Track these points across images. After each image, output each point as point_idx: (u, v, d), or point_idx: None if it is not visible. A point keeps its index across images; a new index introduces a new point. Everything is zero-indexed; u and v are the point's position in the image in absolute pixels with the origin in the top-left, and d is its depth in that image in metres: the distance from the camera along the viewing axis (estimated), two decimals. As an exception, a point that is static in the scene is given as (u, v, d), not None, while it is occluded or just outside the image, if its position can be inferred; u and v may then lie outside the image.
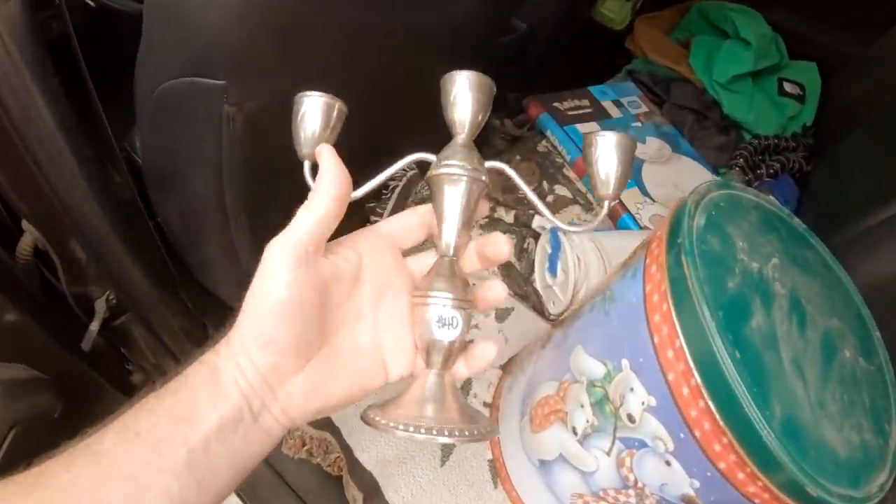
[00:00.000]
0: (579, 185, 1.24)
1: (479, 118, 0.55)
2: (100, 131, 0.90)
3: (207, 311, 1.23)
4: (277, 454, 0.99)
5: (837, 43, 1.59)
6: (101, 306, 1.10)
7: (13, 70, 0.76)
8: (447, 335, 0.51)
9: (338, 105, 0.53)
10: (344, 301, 0.52)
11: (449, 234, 0.53)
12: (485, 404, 0.90)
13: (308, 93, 0.52)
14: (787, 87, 1.52)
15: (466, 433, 0.48)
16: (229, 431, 0.45)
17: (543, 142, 1.33)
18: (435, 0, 0.87)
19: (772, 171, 1.37)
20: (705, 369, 0.51)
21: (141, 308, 1.09)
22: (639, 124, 1.38)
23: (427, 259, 0.56)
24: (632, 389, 0.59)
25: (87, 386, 1.08)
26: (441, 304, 0.51)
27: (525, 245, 1.09)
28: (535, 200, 0.58)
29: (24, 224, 0.99)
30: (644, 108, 1.44)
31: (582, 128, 1.31)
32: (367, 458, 0.86)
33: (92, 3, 0.95)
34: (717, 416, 0.51)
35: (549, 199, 1.19)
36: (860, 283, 0.71)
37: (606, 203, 0.55)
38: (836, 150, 1.39)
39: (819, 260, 0.69)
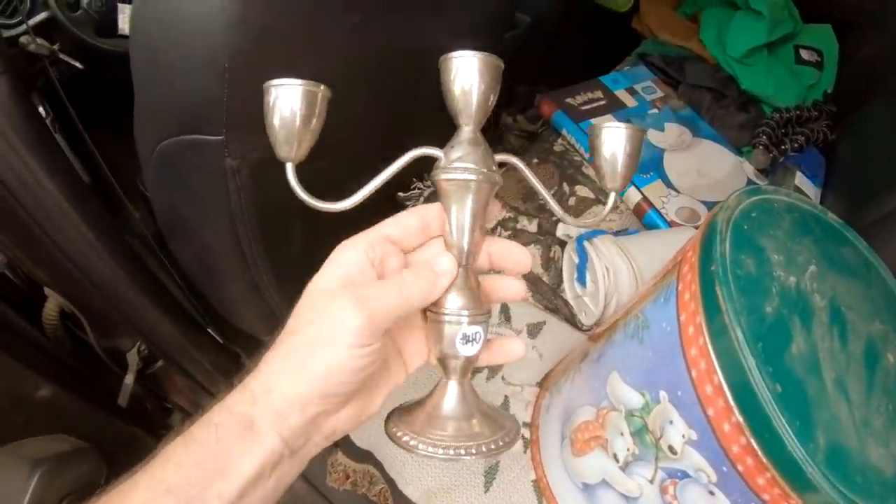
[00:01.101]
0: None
1: (488, 103, 0.50)
2: (106, 184, 0.90)
3: (239, 341, 1.23)
4: (322, 485, 0.99)
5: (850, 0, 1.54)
6: (133, 358, 1.11)
7: (8, 147, 0.76)
8: (469, 350, 0.50)
9: (321, 92, 0.47)
10: None
11: (461, 243, 0.51)
12: (524, 424, 0.88)
13: (279, 81, 0.47)
14: (804, 54, 1.48)
15: (491, 447, 0.48)
16: (267, 475, 0.45)
17: (559, 140, 1.30)
18: (435, 16, 0.86)
19: (796, 144, 1.34)
20: (746, 407, 0.50)
21: (171, 353, 1.09)
22: (656, 111, 1.35)
23: (431, 250, 0.53)
24: (671, 422, 0.58)
25: (130, 444, 1.09)
26: (462, 322, 0.50)
27: (551, 254, 1.07)
28: (545, 193, 0.54)
29: (47, 290, 0.99)
30: (659, 93, 1.41)
31: (597, 122, 1.27)
32: (411, 490, 0.85)
33: (80, 66, 0.94)
34: (760, 454, 0.50)
35: (571, 201, 1.17)
36: (892, 265, 0.68)
37: (613, 195, 0.55)
38: (859, 116, 1.36)
39: (856, 255, 0.67)
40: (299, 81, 0.46)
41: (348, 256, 0.48)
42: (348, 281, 0.47)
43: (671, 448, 0.58)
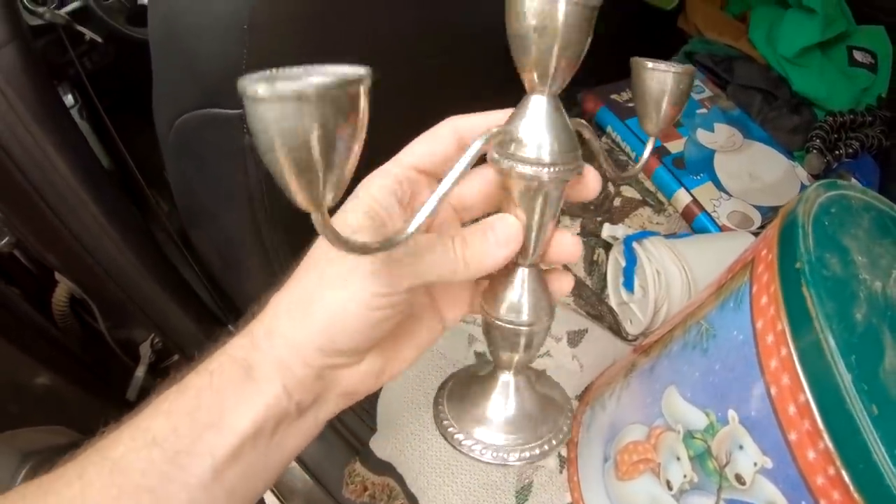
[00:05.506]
0: (647, 183, 1.15)
1: (578, 56, 0.37)
2: (127, 172, 0.86)
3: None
4: (339, 494, 0.93)
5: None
6: (145, 350, 1.06)
7: (18, 123, 0.71)
8: (528, 355, 0.46)
9: (363, 84, 0.26)
10: None
11: (528, 241, 0.42)
12: (562, 438, 0.82)
13: (278, 81, 0.24)
14: (858, 55, 1.40)
15: (545, 449, 0.45)
16: (267, 434, 0.39)
17: (603, 138, 1.24)
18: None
19: (851, 150, 1.27)
20: (838, 432, 0.43)
21: (187, 349, 1.04)
22: (704, 111, 1.28)
23: (473, 180, 0.44)
24: (741, 447, 0.51)
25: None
26: (521, 330, 0.44)
27: (595, 257, 1.00)
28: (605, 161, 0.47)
29: (57, 274, 0.95)
30: (708, 93, 1.34)
31: (639, 59, 1.21)
32: (436, 507, 0.79)
33: (100, 40, 0.90)
34: (851, 487, 0.42)
35: (617, 202, 1.11)
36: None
37: (651, 140, 0.48)
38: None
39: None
40: (327, 80, 0.24)
41: (376, 189, 0.41)
42: (377, 218, 0.39)
43: (739, 477, 0.51)
